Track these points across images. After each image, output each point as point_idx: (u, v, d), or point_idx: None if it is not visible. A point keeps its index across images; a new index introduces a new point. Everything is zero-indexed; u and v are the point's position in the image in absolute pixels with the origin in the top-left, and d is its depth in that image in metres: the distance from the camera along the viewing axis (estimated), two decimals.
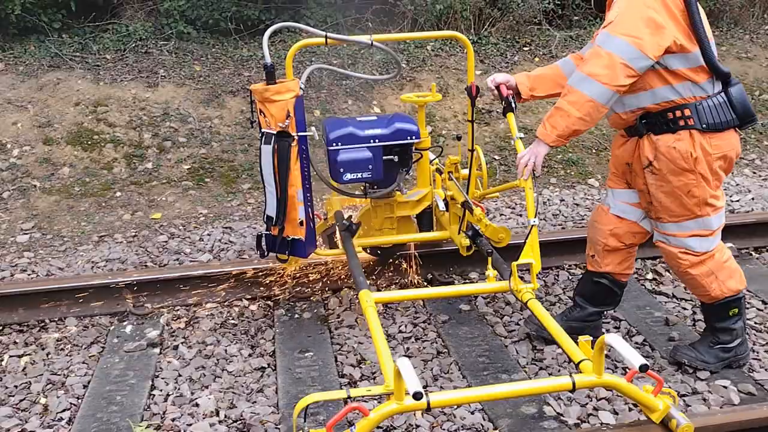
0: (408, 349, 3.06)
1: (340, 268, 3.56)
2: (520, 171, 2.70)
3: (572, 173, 5.30)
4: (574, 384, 2.08)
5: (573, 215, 4.54)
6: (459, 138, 3.66)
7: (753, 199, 4.78)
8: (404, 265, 3.62)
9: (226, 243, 4.15)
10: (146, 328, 3.24)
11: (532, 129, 5.50)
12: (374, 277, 3.61)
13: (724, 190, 3.57)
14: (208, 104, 5.53)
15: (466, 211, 3.22)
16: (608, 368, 2.80)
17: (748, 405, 2.37)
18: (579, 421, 2.53)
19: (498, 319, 3.29)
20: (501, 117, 5.66)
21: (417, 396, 1.82)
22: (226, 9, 6.18)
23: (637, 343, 3.06)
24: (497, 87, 2.99)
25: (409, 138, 3.21)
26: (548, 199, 4.87)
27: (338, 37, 3.12)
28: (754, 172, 5.37)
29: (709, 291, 2.71)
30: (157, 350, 3.06)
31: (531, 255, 2.65)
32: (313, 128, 3.00)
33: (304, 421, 2.12)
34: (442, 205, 3.52)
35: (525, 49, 6.39)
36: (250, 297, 3.49)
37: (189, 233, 4.31)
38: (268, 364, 2.97)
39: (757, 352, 2.94)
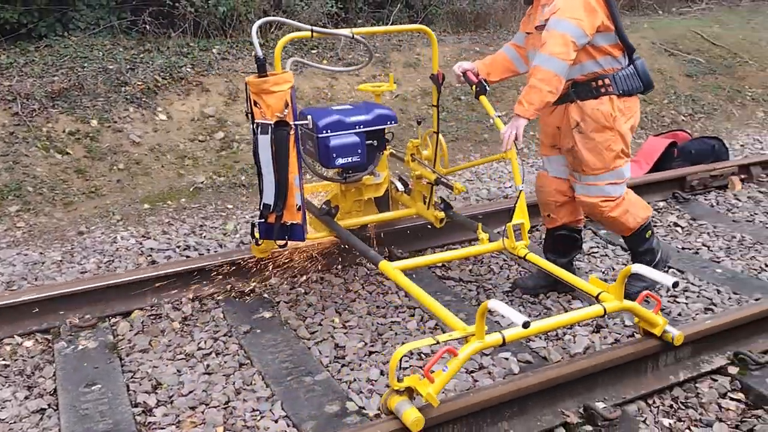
0: (208, 366, 2.94)
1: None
2: (505, 143, 3.02)
3: None
4: (605, 310, 2.56)
5: None
6: (419, 122, 3.93)
7: None
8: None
9: None
10: None
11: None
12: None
13: None
14: None
15: (433, 187, 3.60)
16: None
17: (524, 373, 2.60)
18: (379, 412, 2.60)
19: (301, 322, 3.28)
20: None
21: (525, 324, 2.23)
22: None
23: (430, 327, 3.23)
24: (464, 74, 3.35)
25: (389, 123, 3.48)
26: None
27: (322, 30, 3.32)
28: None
29: (628, 225, 3.25)
30: None
31: (521, 216, 3.02)
32: (309, 117, 3.24)
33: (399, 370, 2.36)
34: (400, 186, 3.79)
35: (313, 51, 6.47)
36: (23, 333, 3.12)
37: None
38: (49, 405, 2.68)
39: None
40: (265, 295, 3.51)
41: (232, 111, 5.59)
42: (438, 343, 2.37)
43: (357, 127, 3.36)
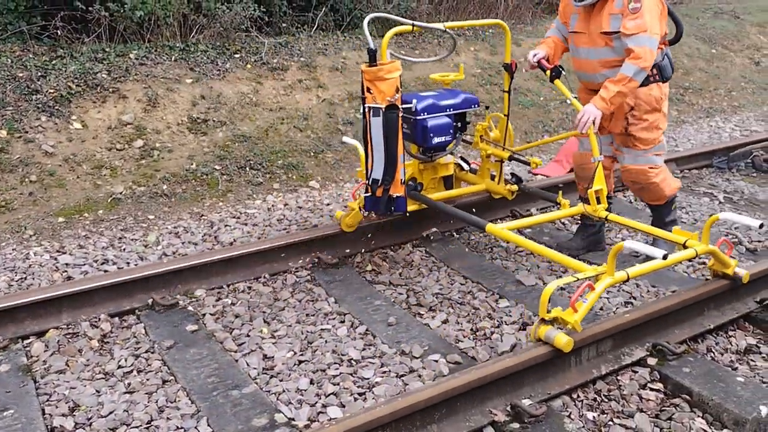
0: (129, 384, 2.82)
1: None
2: (582, 124, 3.42)
3: (294, 177, 5.40)
4: (696, 252, 3.05)
5: (297, 218, 4.62)
6: (487, 107, 4.34)
7: None
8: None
9: None
10: None
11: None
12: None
13: None
14: None
15: (502, 163, 4.11)
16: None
17: (452, 374, 2.61)
18: (309, 422, 2.56)
19: (227, 334, 3.20)
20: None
21: (665, 257, 2.73)
22: None
23: (360, 333, 3.21)
24: (539, 62, 3.71)
25: (474, 106, 3.99)
26: (273, 205, 4.89)
27: (421, 24, 3.64)
28: None
29: (665, 192, 3.77)
30: None
31: (600, 183, 3.47)
32: (414, 99, 3.69)
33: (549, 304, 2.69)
34: (465, 166, 4.19)
35: (236, 56, 6.34)
36: None
37: None
38: None
39: (460, 323, 3.27)
40: (190, 308, 3.40)
41: (151, 118, 5.41)
42: (578, 279, 2.84)
43: (448, 110, 3.83)
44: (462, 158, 4.30)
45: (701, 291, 3.14)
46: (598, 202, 3.49)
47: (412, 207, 3.82)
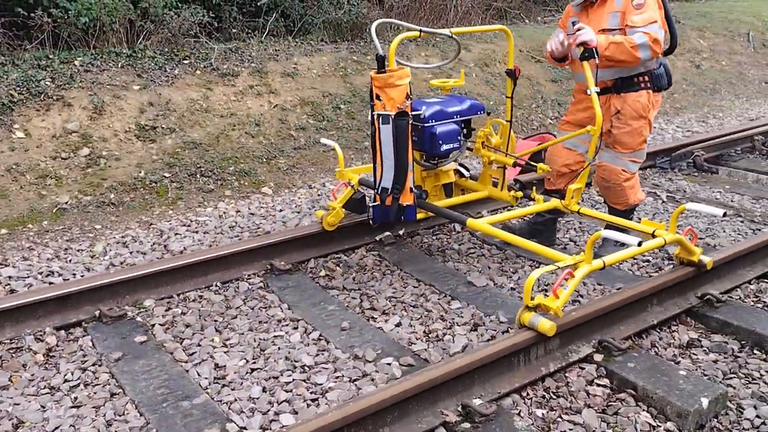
0: (76, 398, 2.75)
1: None
2: (574, 37, 3.43)
3: (246, 183, 5.36)
4: (665, 241, 3.19)
5: (249, 225, 4.58)
6: (488, 113, 4.15)
7: None
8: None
9: None
10: None
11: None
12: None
13: None
14: None
15: (505, 170, 4.07)
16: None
17: (404, 377, 2.63)
18: (261, 430, 2.54)
19: (177, 344, 3.15)
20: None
21: (640, 243, 2.90)
22: None
23: (314, 338, 3.20)
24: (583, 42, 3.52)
25: (480, 112, 3.93)
26: (224, 212, 4.84)
27: (428, 30, 3.63)
28: None
29: (628, 199, 3.89)
30: None
31: (581, 182, 3.71)
32: (424, 106, 3.68)
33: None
34: (466, 173, 4.17)
35: (185, 62, 6.26)
36: None
37: None
38: None
39: (413, 326, 3.30)
40: (139, 319, 3.34)
41: (97, 125, 5.30)
42: (558, 268, 2.94)
43: (455, 116, 3.79)
44: (461, 165, 4.27)
45: (645, 288, 3.24)
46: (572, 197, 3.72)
47: (419, 215, 3.79)
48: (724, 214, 3.28)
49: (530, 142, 5.76)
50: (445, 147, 3.74)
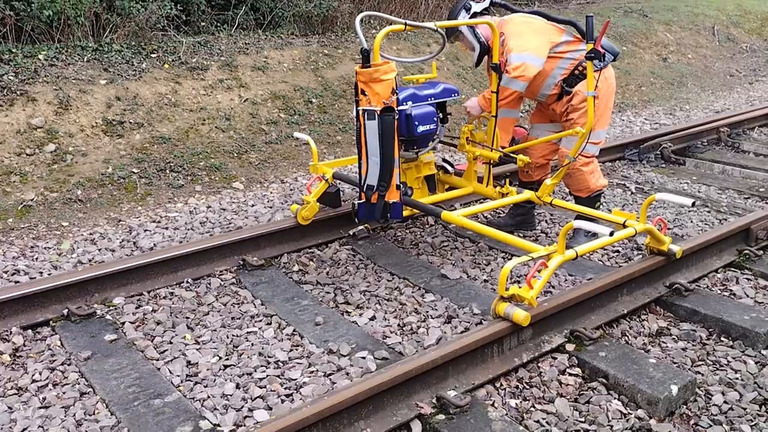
0: (45, 399, 2.69)
1: None
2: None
3: (216, 179, 5.30)
4: (636, 230, 3.26)
5: (221, 220, 4.53)
6: None
7: None
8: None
9: None
10: None
11: None
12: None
13: None
14: None
15: (490, 165, 4.05)
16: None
17: (379, 371, 2.63)
18: (235, 427, 2.52)
19: (148, 342, 3.10)
20: (135, 130, 5.38)
21: (611, 233, 2.93)
22: None
23: (288, 333, 3.18)
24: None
25: (453, 95, 3.99)
26: (195, 208, 4.78)
27: (413, 23, 3.47)
28: None
29: (589, 185, 3.93)
30: None
31: (557, 179, 3.78)
32: (408, 102, 3.70)
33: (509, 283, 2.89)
34: (450, 168, 4.20)
35: (153, 55, 6.16)
36: None
37: None
38: None
39: (387, 320, 3.30)
40: (108, 317, 3.28)
41: (63, 121, 5.19)
42: (532, 259, 2.97)
43: (429, 99, 3.84)
44: (445, 160, 4.27)
45: (615, 278, 3.28)
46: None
47: (405, 213, 3.74)
48: (693, 204, 3.34)
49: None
50: (421, 128, 3.75)
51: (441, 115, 3.96)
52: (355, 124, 3.30)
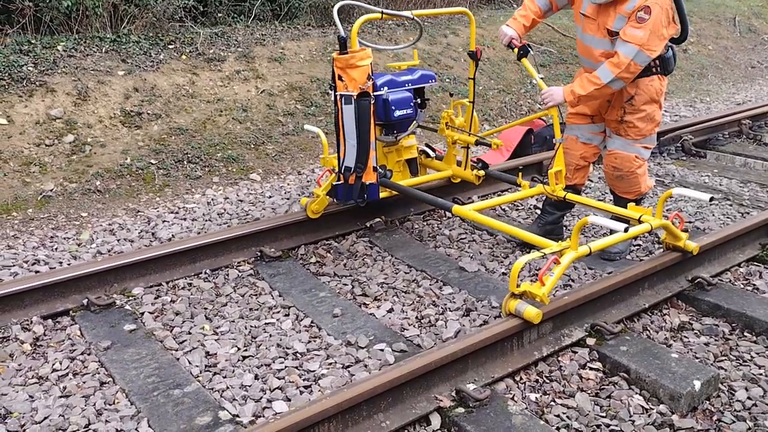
0: (65, 388, 2.71)
1: None
2: (545, 104, 3.59)
3: (234, 170, 5.30)
4: (651, 226, 3.21)
5: (238, 212, 4.54)
6: (452, 94, 4.42)
7: None
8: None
9: None
10: None
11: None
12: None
13: None
14: None
15: (468, 149, 4.15)
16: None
17: (397, 363, 2.62)
18: (254, 418, 2.52)
19: (167, 332, 3.12)
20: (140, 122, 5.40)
21: (626, 229, 2.90)
22: None
23: (306, 325, 3.18)
24: (509, 42, 3.77)
25: (430, 81, 4.12)
26: (212, 199, 4.79)
27: (390, 12, 3.68)
28: None
29: (640, 187, 3.81)
30: None
31: (559, 164, 3.64)
32: (385, 87, 3.80)
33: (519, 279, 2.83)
34: (431, 152, 4.32)
35: (170, 47, 6.16)
36: None
37: None
38: None
39: (405, 312, 3.28)
40: (128, 307, 3.30)
41: (82, 112, 5.21)
42: (545, 255, 2.93)
43: (407, 84, 3.95)
44: (427, 145, 4.38)
45: (636, 271, 3.24)
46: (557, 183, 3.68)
47: (382, 194, 3.88)
48: (711, 199, 3.28)
49: (519, 127, 5.74)
50: (398, 113, 3.86)
51: (419, 100, 4.05)
52: (333, 109, 3.45)
